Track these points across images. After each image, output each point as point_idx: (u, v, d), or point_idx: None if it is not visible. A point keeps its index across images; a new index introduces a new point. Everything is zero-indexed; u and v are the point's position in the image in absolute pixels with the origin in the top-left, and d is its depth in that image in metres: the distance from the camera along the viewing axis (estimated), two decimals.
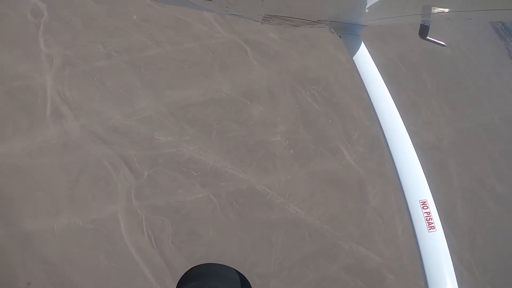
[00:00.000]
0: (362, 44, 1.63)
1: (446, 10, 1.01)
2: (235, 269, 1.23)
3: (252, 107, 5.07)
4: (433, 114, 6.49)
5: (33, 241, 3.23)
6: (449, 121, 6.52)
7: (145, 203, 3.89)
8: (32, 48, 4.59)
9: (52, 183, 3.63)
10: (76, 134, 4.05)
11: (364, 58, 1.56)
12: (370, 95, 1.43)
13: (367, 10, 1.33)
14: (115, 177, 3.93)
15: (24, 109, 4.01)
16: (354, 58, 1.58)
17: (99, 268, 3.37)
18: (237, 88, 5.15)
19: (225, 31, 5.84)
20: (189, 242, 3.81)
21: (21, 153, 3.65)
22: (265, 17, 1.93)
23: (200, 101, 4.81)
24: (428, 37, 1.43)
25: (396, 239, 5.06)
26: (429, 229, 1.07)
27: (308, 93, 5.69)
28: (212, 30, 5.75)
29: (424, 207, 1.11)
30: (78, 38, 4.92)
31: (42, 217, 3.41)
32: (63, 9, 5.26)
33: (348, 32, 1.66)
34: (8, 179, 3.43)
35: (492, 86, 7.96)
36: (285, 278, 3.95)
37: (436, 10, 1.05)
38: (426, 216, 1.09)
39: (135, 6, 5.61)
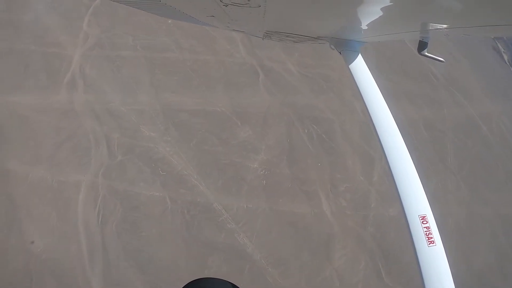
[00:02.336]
0: (362, 60, 1.83)
1: (444, 26, 1.09)
2: (233, 284, 1.39)
3: (241, 129, 5.80)
4: (445, 189, 6.43)
5: (9, 178, 4.31)
6: (461, 201, 6.37)
7: (108, 183, 4.79)
8: (76, 24, 6.07)
9: (42, 139, 4.76)
10: (79, 105, 5.22)
11: (363, 74, 1.76)
12: (369, 111, 1.61)
13: (366, 27, 1.44)
14: (93, 152, 4.94)
15: (48, 72, 5.34)
16: (354, 73, 1.78)
17: (47, 223, 4.28)
18: (233, 106, 5.96)
19: (246, 53, 6.81)
20: (129, 232, 4.55)
21: (30, 106, 4.89)
22: (266, 33, 2.19)
23: (193, 109, 5.72)
24: (426, 53, 1.56)
25: None
26: (429, 244, 1.18)
27: (305, 131, 6.24)
28: (234, 49, 6.76)
29: (424, 222, 1.22)
30: (116, 26, 6.32)
31: (24, 163, 4.51)
32: None
33: (348, 49, 1.86)
34: (12, 123, 4.65)
35: None
36: None
37: (434, 26, 1.14)
38: (425, 231, 1.20)
39: None
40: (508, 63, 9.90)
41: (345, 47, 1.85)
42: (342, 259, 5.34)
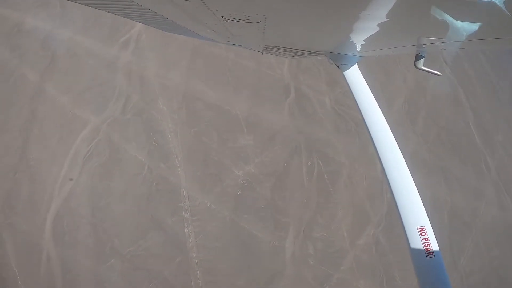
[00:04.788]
0: (360, 74, 2.00)
1: (439, 40, 1.15)
2: None
3: (243, 136, 6.12)
4: None
5: (40, 95, 5.53)
6: None
7: (109, 131, 5.67)
8: None
9: (81, 77, 5.93)
10: (121, 63, 6.33)
11: (361, 87, 1.92)
12: (366, 122, 1.76)
13: (363, 42, 1.53)
14: (111, 103, 5.92)
15: (112, 28, 6.54)
16: (351, 87, 1.93)
17: (49, 140, 5.33)
18: (248, 114, 6.33)
19: (288, 72, 7.15)
20: (102, 177, 5.28)
21: (86, 48, 6.15)
22: (265, 47, 2.36)
23: (211, 102, 6.30)
24: (422, 67, 1.62)
25: None
26: (428, 255, 1.22)
27: (308, 163, 6.19)
28: (278, 66, 7.17)
29: (422, 234, 1.27)
30: None
31: (57, 89, 5.69)
32: None
33: (346, 63, 2.02)
34: (66, 55, 5.94)
35: None
36: (120, 267, 4.82)
37: (430, 41, 1.21)
38: (424, 243, 1.25)
39: None
40: None
41: (343, 61, 2.03)
42: None
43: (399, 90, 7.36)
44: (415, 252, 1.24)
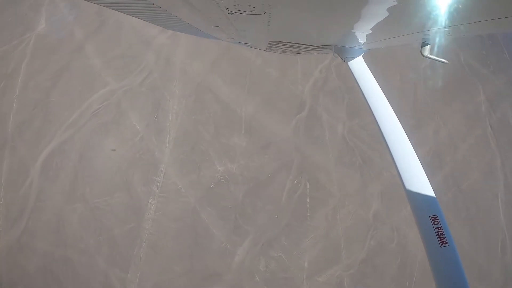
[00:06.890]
0: (366, 66, 2.10)
1: (443, 25, 1.18)
2: None
3: (240, 136, 6.53)
4: None
5: (78, 52, 6.78)
6: None
7: (122, 98, 6.63)
8: None
9: (117, 46, 7.10)
10: (155, 43, 7.37)
11: (367, 79, 2.03)
12: (374, 113, 1.84)
13: (369, 32, 1.59)
14: (134, 74, 6.92)
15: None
16: (357, 76, 2.05)
17: (72, 90, 6.48)
18: (252, 118, 6.74)
19: (310, 90, 7.39)
20: (100, 132, 6.20)
21: (132, 24, 7.36)
22: (270, 44, 2.44)
23: (221, 98, 6.89)
24: (428, 55, 1.66)
25: None
26: (441, 244, 1.27)
27: (294, 182, 6.29)
28: (302, 82, 7.48)
29: (435, 223, 1.33)
30: None
31: (95, 51, 6.92)
32: None
33: (351, 56, 2.10)
34: (114, 25, 7.19)
35: None
36: (82, 212, 5.53)
37: (434, 27, 1.23)
38: (437, 232, 1.31)
39: None
40: None
41: (349, 55, 2.14)
42: None
43: (427, 138, 7.01)
44: (428, 241, 1.28)
